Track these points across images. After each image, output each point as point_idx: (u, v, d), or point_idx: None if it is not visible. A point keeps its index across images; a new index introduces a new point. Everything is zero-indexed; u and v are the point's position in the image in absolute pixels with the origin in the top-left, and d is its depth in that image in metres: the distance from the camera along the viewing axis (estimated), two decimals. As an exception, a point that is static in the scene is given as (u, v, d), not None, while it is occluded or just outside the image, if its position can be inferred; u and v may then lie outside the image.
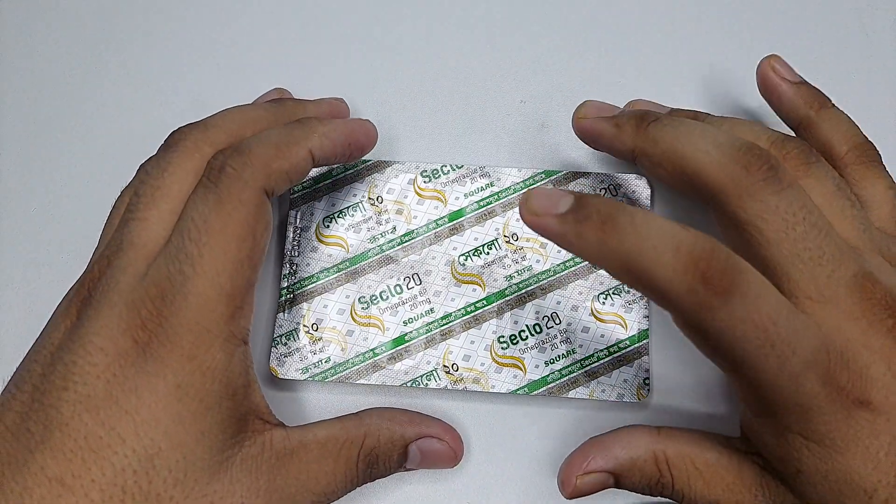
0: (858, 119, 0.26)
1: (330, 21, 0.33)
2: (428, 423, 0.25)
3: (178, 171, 0.24)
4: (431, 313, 0.28)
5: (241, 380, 0.23)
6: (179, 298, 0.21)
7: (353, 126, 0.27)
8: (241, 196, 0.23)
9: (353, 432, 0.24)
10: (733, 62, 0.32)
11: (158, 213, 0.23)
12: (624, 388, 0.27)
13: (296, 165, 0.25)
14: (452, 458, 0.26)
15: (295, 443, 0.23)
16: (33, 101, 0.32)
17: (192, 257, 0.22)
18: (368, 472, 0.24)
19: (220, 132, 0.25)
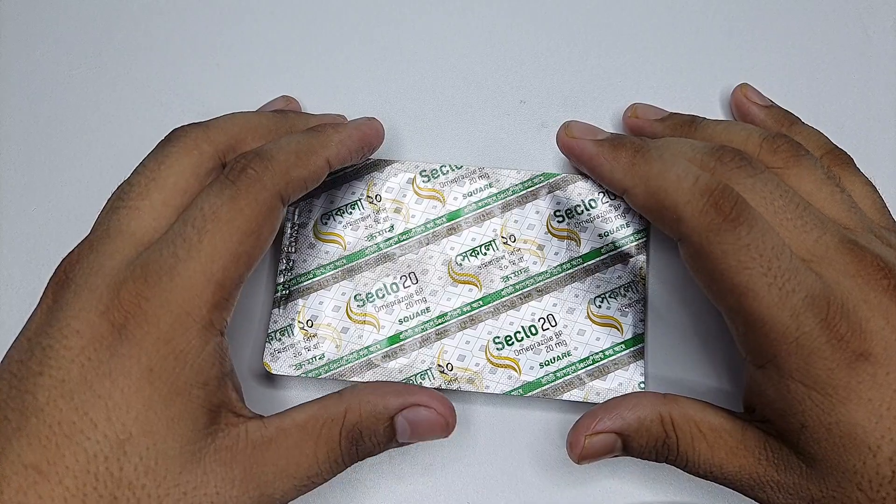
0: (858, 119, 0.27)
1: (330, 21, 0.33)
2: (413, 391, 0.24)
3: (175, 164, 0.24)
4: (427, 312, 0.28)
5: (213, 370, 0.22)
6: (165, 279, 0.21)
7: (365, 130, 0.28)
8: (257, 196, 0.23)
9: (332, 410, 0.23)
10: (733, 62, 0.32)
11: (150, 203, 0.23)
12: (618, 392, 0.27)
13: (313, 173, 0.25)
14: (443, 425, 0.24)
15: (272, 430, 0.23)
16: (33, 102, 0.32)
17: (189, 241, 0.22)
18: (354, 450, 0.23)
19: (221, 133, 0.25)
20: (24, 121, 0.32)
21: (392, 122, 0.31)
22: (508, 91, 0.32)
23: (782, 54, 0.32)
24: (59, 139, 0.32)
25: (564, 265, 0.29)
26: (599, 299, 0.28)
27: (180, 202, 0.23)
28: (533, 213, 0.29)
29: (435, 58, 0.32)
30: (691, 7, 0.33)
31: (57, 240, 0.31)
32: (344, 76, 0.32)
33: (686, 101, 0.31)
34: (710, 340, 0.29)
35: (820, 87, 0.31)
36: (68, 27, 0.33)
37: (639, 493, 0.27)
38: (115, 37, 0.33)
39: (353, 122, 0.28)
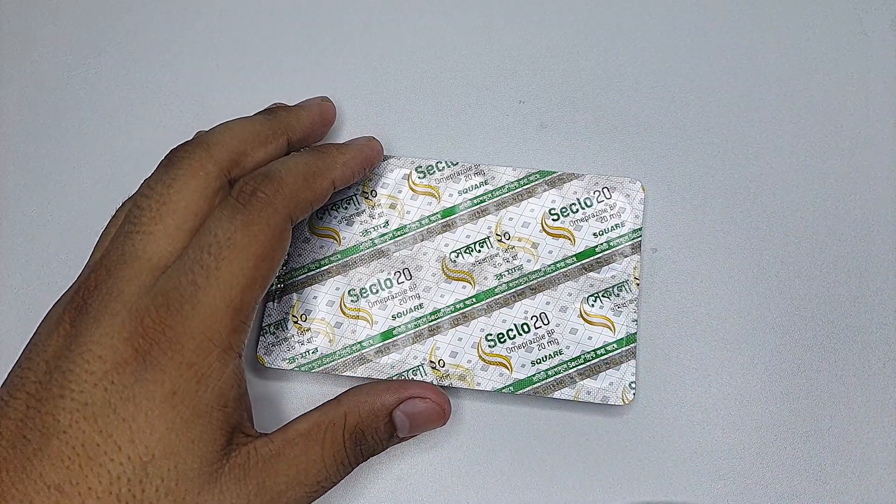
0: (858, 119, 0.26)
1: (330, 20, 0.33)
2: (407, 385, 0.25)
3: (184, 188, 0.24)
4: (420, 308, 0.28)
5: (232, 392, 0.23)
6: (188, 307, 0.22)
7: (367, 152, 0.28)
8: (269, 220, 0.23)
9: (333, 415, 0.24)
10: (733, 62, 0.32)
11: (164, 228, 0.23)
12: (609, 391, 0.27)
13: (319, 195, 0.26)
14: (440, 414, 0.25)
15: (279, 443, 0.23)
16: (33, 102, 0.33)
17: (207, 269, 0.22)
18: (359, 451, 0.24)
19: (223, 150, 0.25)
20: (24, 121, 0.32)
21: (391, 119, 0.32)
22: (507, 91, 0.32)
23: (782, 54, 0.32)
24: (58, 139, 0.32)
25: (558, 263, 0.29)
26: (593, 298, 0.28)
27: (192, 225, 0.24)
28: (528, 210, 0.29)
29: (435, 58, 0.33)
30: (691, 7, 0.33)
31: (57, 241, 0.31)
32: (344, 75, 0.32)
33: (685, 101, 0.31)
34: (703, 341, 0.28)
35: (819, 87, 0.31)
36: (68, 27, 0.34)
37: (639, 493, 0.27)
38: (115, 37, 0.33)
39: (355, 143, 0.29)
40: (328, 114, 0.30)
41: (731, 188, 0.30)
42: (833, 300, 0.29)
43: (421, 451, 0.28)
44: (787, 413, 0.28)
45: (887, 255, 0.29)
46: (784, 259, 0.29)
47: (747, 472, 0.27)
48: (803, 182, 0.30)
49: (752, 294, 0.29)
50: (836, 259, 0.29)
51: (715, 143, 0.31)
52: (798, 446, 0.27)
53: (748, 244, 0.30)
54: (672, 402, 0.28)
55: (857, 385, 0.28)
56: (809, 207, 0.30)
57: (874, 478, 0.27)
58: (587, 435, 0.28)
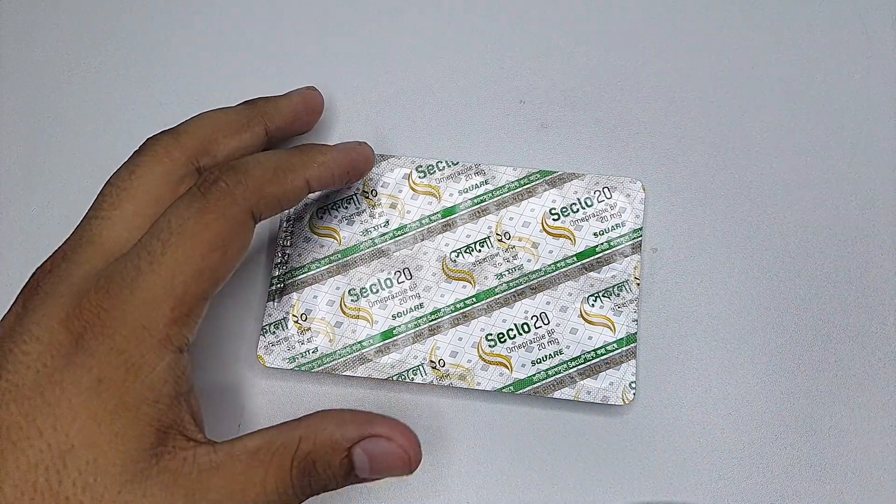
0: (859, 119, 0.26)
1: (330, 20, 0.33)
2: (375, 421, 0.22)
3: (146, 174, 0.24)
4: (420, 308, 0.28)
5: (166, 388, 0.21)
6: (126, 292, 0.21)
7: (352, 155, 0.27)
8: (225, 210, 0.22)
9: (287, 437, 0.21)
10: (733, 62, 0.32)
11: (121, 214, 0.23)
12: (609, 391, 0.27)
13: (289, 193, 0.24)
14: (405, 461, 0.22)
15: (222, 456, 0.21)
16: (33, 102, 0.33)
17: (153, 254, 0.21)
18: (307, 482, 0.21)
19: (191, 138, 0.25)
20: (24, 121, 0.32)
21: (391, 119, 0.32)
22: (508, 91, 0.32)
23: (782, 54, 0.32)
24: (59, 139, 0.32)
25: (559, 263, 0.29)
26: (593, 298, 0.28)
27: (153, 211, 0.23)
28: (528, 210, 0.29)
29: (435, 57, 0.33)
30: (691, 7, 0.33)
31: (56, 240, 0.30)
32: (344, 74, 0.32)
33: (686, 101, 0.31)
34: (703, 341, 0.28)
35: (820, 87, 0.31)
36: (68, 27, 0.34)
37: (639, 493, 0.27)
38: (115, 37, 0.33)
39: (341, 144, 0.28)
40: (312, 102, 0.29)
41: (731, 188, 0.30)
42: (833, 300, 0.29)
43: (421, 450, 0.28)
44: (787, 413, 0.28)
45: (888, 255, 0.29)
46: (784, 259, 0.29)
47: (747, 472, 0.27)
48: (804, 182, 0.30)
49: (753, 294, 0.29)
50: (836, 259, 0.29)
51: (716, 143, 0.31)
52: (798, 446, 0.27)
53: (748, 244, 0.30)
54: (672, 402, 0.28)
55: (857, 385, 0.28)
56: (810, 207, 0.30)
57: (874, 478, 0.27)
58: (587, 435, 0.28)
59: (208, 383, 0.28)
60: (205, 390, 0.28)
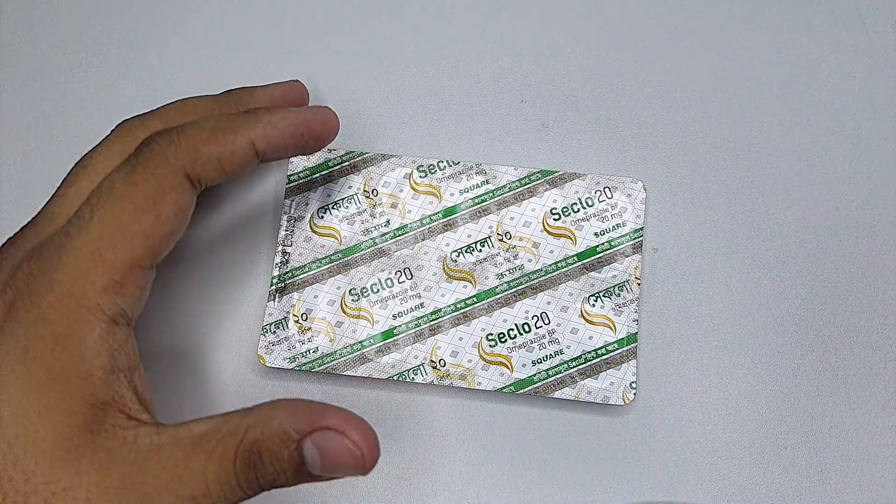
0: (860, 119, 0.26)
1: (330, 19, 0.33)
2: (329, 412, 0.20)
3: (105, 152, 0.24)
4: (421, 308, 0.28)
5: (99, 360, 0.20)
6: (55, 258, 0.20)
7: (306, 115, 0.25)
8: (155, 170, 0.21)
9: (234, 424, 0.20)
10: (733, 62, 0.32)
11: (76, 190, 0.23)
12: (610, 391, 0.27)
13: (231, 153, 0.23)
14: (358, 460, 0.20)
15: (164, 439, 0.20)
16: (33, 102, 0.32)
17: (82, 219, 0.21)
18: (253, 475, 0.20)
19: (158, 120, 0.25)
20: (24, 121, 0.32)
21: (392, 119, 0.32)
22: (509, 90, 0.32)
23: (782, 54, 0.32)
24: (59, 139, 0.32)
25: (559, 263, 0.29)
26: (594, 298, 0.28)
27: None
28: (529, 210, 0.29)
29: (436, 57, 0.33)
30: (691, 7, 0.33)
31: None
32: (345, 74, 0.32)
33: (687, 101, 0.31)
34: (703, 341, 0.28)
35: (820, 87, 0.31)
36: (68, 27, 0.33)
37: (638, 494, 0.27)
38: (115, 37, 0.33)
39: (298, 108, 0.25)
40: (293, 92, 0.28)
41: (732, 188, 0.30)
42: (834, 300, 0.29)
43: (421, 450, 0.28)
44: (787, 413, 0.28)
45: (888, 255, 0.29)
46: (785, 259, 0.29)
47: (747, 472, 0.27)
48: (805, 182, 0.30)
49: (753, 294, 0.29)
50: (837, 259, 0.29)
51: (717, 143, 0.31)
52: (798, 446, 0.27)
53: (749, 244, 0.30)
54: (672, 402, 0.28)
55: (857, 385, 0.28)
56: (811, 207, 0.30)
57: (874, 478, 0.27)
58: (587, 435, 0.28)
59: (208, 383, 0.28)
60: (205, 390, 0.28)
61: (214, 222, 0.30)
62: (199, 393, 0.28)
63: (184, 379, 0.28)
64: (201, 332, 0.29)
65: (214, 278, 0.30)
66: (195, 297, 0.29)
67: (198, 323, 0.29)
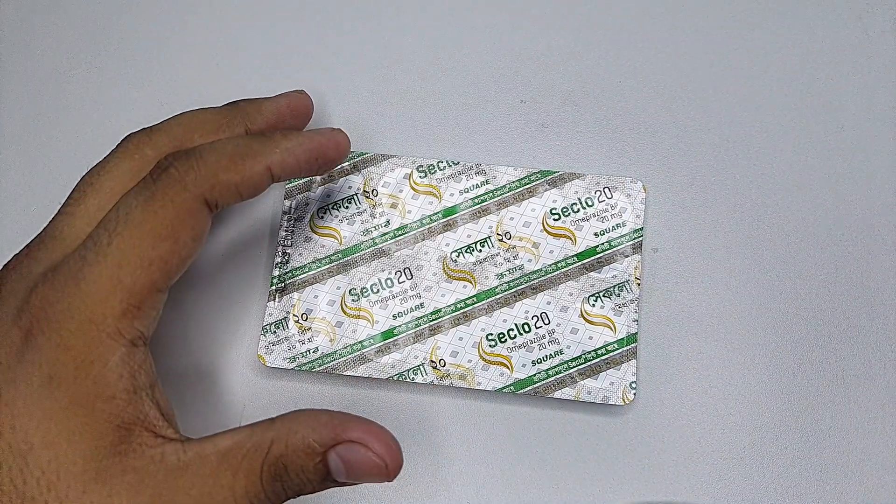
0: (860, 118, 0.26)
1: (330, 19, 0.33)
2: (352, 425, 0.21)
3: (114, 169, 0.24)
4: (421, 308, 0.28)
5: (122, 383, 0.21)
6: (72, 284, 0.21)
7: (321, 140, 0.25)
8: (174, 197, 0.22)
9: (258, 438, 0.21)
10: (733, 62, 0.32)
11: (85, 209, 0.23)
12: (610, 391, 0.27)
13: (249, 179, 0.23)
14: (381, 470, 0.21)
15: (191, 455, 0.20)
16: (33, 102, 0.32)
17: (99, 244, 0.21)
18: (280, 487, 0.20)
19: (165, 136, 0.24)
20: (25, 121, 0.32)
21: (392, 119, 0.32)
22: (509, 90, 0.32)
23: (782, 54, 0.32)
24: (59, 139, 0.32)
25: (559, 263, 0.29)
26: (593, 298, 0.28)
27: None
28: (529, 210, 0.29)
29: (436, 57, 0.33)
30: (691, 7, 0.33)
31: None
32: (345, 74, 0.32)
33: (687, 101, 0.31)
34: (703, 341, 0.28)
35: (820, 87, 0.31)
36: (68, 27, 0.33)
37: (638, 494, 0.27)
38: (115, 37, 0.33)
39: (311, 130, 0.26)
40: (297, 105, 0.28)
41: (732, 188, 0.30)
42: (834, 300, 0.29)
43: (421, 450, 0.28)
44: (787, 413, 0.28)
45: (888, 255, 0.29)
46: (785, 259, 0.29)
47: (747, 472, 0.27)
48: (804, 182, 0.30)
49: (753, 294, 0.29)
50: (836, 259, 0.29)
51: (716, 143, 0.31)
52: (798, 446, 0.27)
53: (749, 244, 0.30)
54: (672, 402, 0.28)
55: (857, 385, 0.28)
56: (810, 207, 0.30)
57: (874, 478, 0.27)
58: (587, 435, 0.28)
59: (208, 383, 0.28)
60: (205, 390, 0.28)
61: (215, 223, 0.30)
62: (200, 393, 0.28)
63: (184, 379, 0.28)
64: (201, 332, 0.29)
65: (214, 278, 0.30)
66: (195, 297, 0.29)
67: (198, 323, 0.29)
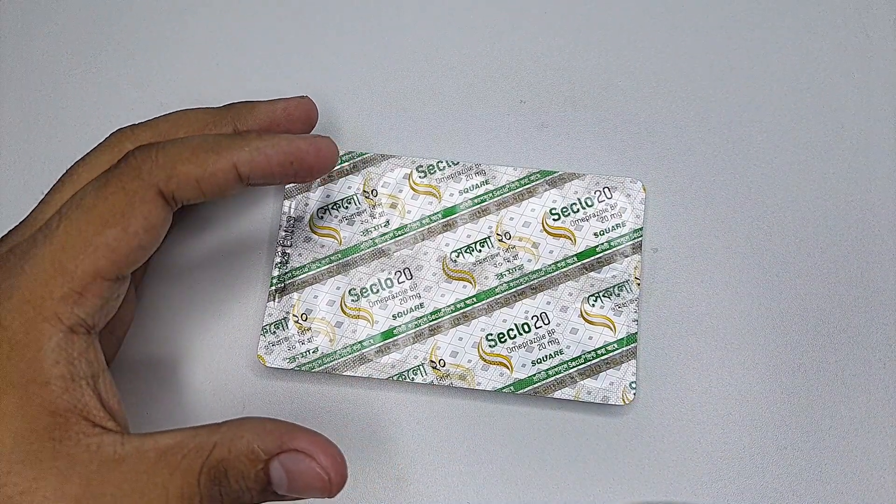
0: (860, 119, 0.26)
1: (330, 19, 0.33)
2: (298, 435, 0.20)
3: (92, 160, 0.24)
4: (421, 308, 0.28)
5: (57, 368, 0.20)
6: (17, 265, 0.21)
7: (299, 144, 0.24)
8: (127, 184, 0.21)
9: (201, 440, 0.20)
10: (733, 62, 0.32)
11: (61, 196, 0.23)
12: (609, 391, 0.27)
13: (212, 175, 0.22)
14: (325, 483, 0.20)
15: (128, 449, 0.20)
16: (33, 102, 0.32)
17: (50, 228, 0.21)
18: (217, 492, 0.20)
19: (148, 131, 0.25)
20: (25, 121, 0.32)
21: (392, 119, 0.32)
22: (508, 90, 0.32)
23: (782, 54, 0.32)
24: (59, 139, 0.32)
25: (559, 263, 0.29)
26: (593, 298, 0.28)
27: None
28: (529, 210, 0.29)
29: (436, 57, 0.33)
30: (691, 7, 0.33)
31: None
32: (343, 74, 0.32)
33: (686, 101, 0.31)
34: (703, 341, 0.28)
35: (820, 87, 0.31)
36: (68, 27, 0.34)
37: (638, 494, 0.27)
38: (115, 37, 0.33)
39: (292, 135, 0.25)
40: (297, 109, 0.27)
41: (732, 188, 0.30)
42: (833, 300, 0.29)
43: (421, 450, 0.28)
44: (787, 413, 0.28)
45: (888, 255, 0.29)
46: (785, 259, 0.29)
47: (747, 472, 0.27)
48: (804, 182, 0.30)
49: (753, 294, 0.29)
50: (836, 259, 0.29)
51: (716, 143, 0.31)
52: (798, 446, 0.27)
53: (749, 244, 0.30)
54: (672, 402, 0.28)
55: (857, 385, 0.28)
56: (810, 207, 0.30)
57: (874, 478, 0.27)
58: (587, 435, 0.28)
59: (208, 383, 0.28)
60: (205, 390, 0.28)
61: (214, 223, 0.30)
62: (199, 393, 0.28)
63: (183, 379, 0.28)
64: (201, 333, 0.29)
65: (214, 279, 0.30)
66: (195, 297, 0.29)
67: (198, 323, 0.29)
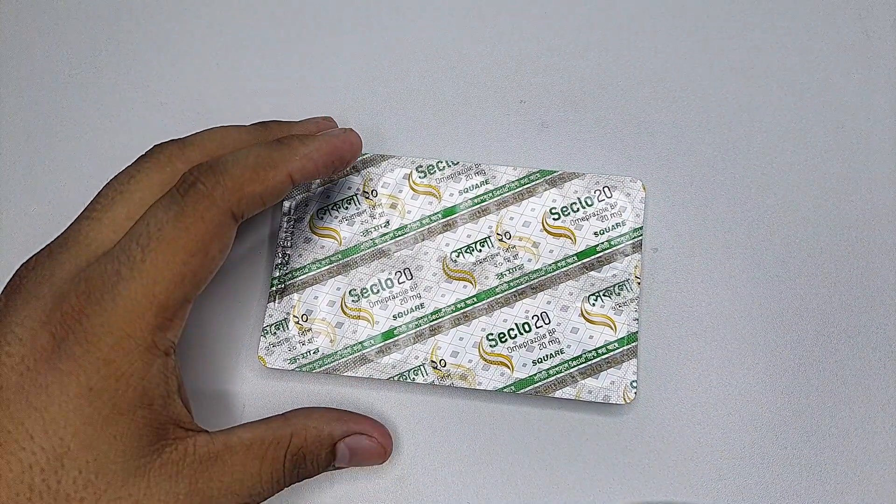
0: (859, 118, 0.26)
1: (330, 20, 0.33)
2: (356, 420, 0.26)
3: (145, 179, 0.24)
4: (421, 308, 0.28)
5: (158, 390, 0.22)
6: (107, 298, 0.21)
7: (336, 143, 0.26)
8: (204, 213, 0.22)
9: (279, 432, 0.24)
10: (734, 62, 0.32)
11: (112, 216, 0.23)
12: (610, 390, 0.27)
13: (271, 189, 0.24)
14: (381, 454, 0.26)
15: (219, 446, 0.23)
16: (34, 102, 0.32)
17: (133, 260, 0.21)
18: (295, 472, 0.24)
19: (196, 150, 0.25)
20: (25, 121, 0.32)
21: (392, 119, 0.32)
22: (508, 90, 0.32)
23: (782, 54, 0.32)
24: (59, 139, 0.32)
25: (559, 263, 0.29)
26: (593, 297, 0.28)
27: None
28: (529, 210, 0.29)
29: (436, 57, 0.33)
30: (691, 7, 0.33)
31: (59, 232, 0.31)
32: (344, 74, 0.32)
33: (686, 101, 0.31)
34: (703, 340, 0.28)
35: (820, 87, 0.31)
36: (68, 27, 0.34)
37: (639, 493, 0.27)
38: (115, 37, 0.33)
39: (324, 133, 0.26)
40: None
41: (732, 187, 0.30)
42: (833, 300, 0.29)
43: (421, 450, 0.28)
44: (787, 413, 0.28)
45: (888, 255, 0.29)
46: (785, 259, 0.29)
47: (747, 472, 0.27)
48: (804, 182, 0.30)
49: (753, 293, 0.29)
50: (836, 259, 0.29)
51: (716, 142, 0.31)
52: (798, 446, 0.27)
53: (749, 244, 0.30)
54: (673, 401, 0.28)
55: (857, 385, 0.28)
56: (810, 207, 0.30)
57: (874, 478, 0.27)
58: (588, 435, 0.28)
59: (209, 384, 0.28)
60: (206, 391, 0.28)
61: (214, 223, 0.30)
62: (200, 394, 0.28)
63: (185, 380, 0.28)
64: (202, 334, 0.29)
65: (215, 280, 0.29)
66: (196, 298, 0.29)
67: (198, 324, 0.29)
